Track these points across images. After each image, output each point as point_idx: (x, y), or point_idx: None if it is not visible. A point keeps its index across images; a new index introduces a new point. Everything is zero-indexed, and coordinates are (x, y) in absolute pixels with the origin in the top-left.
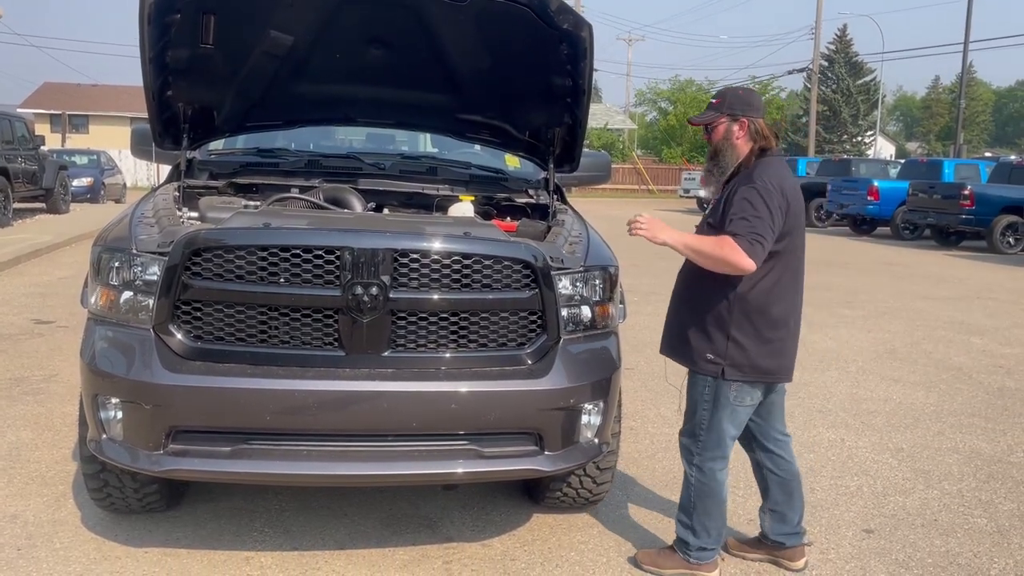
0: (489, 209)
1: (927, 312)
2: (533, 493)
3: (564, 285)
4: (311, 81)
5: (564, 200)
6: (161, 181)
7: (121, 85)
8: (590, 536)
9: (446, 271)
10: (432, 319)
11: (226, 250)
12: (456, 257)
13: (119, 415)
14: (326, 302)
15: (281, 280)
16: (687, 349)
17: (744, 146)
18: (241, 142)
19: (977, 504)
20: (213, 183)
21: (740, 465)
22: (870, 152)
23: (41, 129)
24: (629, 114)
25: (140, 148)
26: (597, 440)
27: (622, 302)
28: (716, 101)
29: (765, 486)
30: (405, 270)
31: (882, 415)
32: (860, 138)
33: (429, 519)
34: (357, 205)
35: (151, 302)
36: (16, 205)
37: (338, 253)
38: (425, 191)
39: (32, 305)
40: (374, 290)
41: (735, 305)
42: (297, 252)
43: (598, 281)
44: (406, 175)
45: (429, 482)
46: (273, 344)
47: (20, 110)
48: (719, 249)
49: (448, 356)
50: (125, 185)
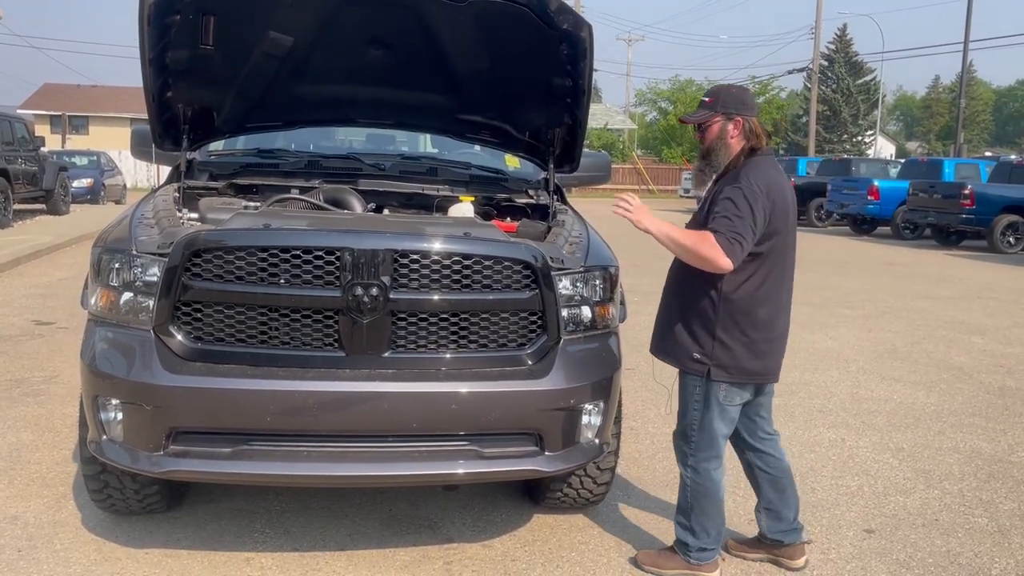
0: (489, 209)
1: (928, 312)
2: (534, 494)
3: (564, 285)
4: (311, 82)
5: (564, 200)
6: (161, 182)
7: (121, 86)
8: (591, 536)
9: (446, 272)
10: (432, 320)
11: (226, 251)
12: (456, 258)
13: (119, 416)
14: (326, 303)
15: (281, 281)
16: (675, 349)
17: (737, 145)
18: (241, 143)
19: (978, 504)
20: (213, 184)
21: (739, 466)
22: (870, 152)
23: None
24: (629, 114)
25: (140, 149)
26: (597, 440)
27: (622, 302)
28: (709, 100)
29: (757, 485)
30: (405, 271)
31: (883, 415)
32: (860, 138)
33: (430, 520)
34: (357, 206)
35: (151, 303)
36: (16, 206)
37: (338, 254)
38: (425, 192)
39: (32, 306)
40: (374, 291)
41: (721, 306)
42: (297, 253)
43: (598, 281)
44: (406, 176)
45: (430, 483)
46: (273, 345)
47: (20, 111)
48: (699, 244)
49: (448, 357)
50: (125, 186)
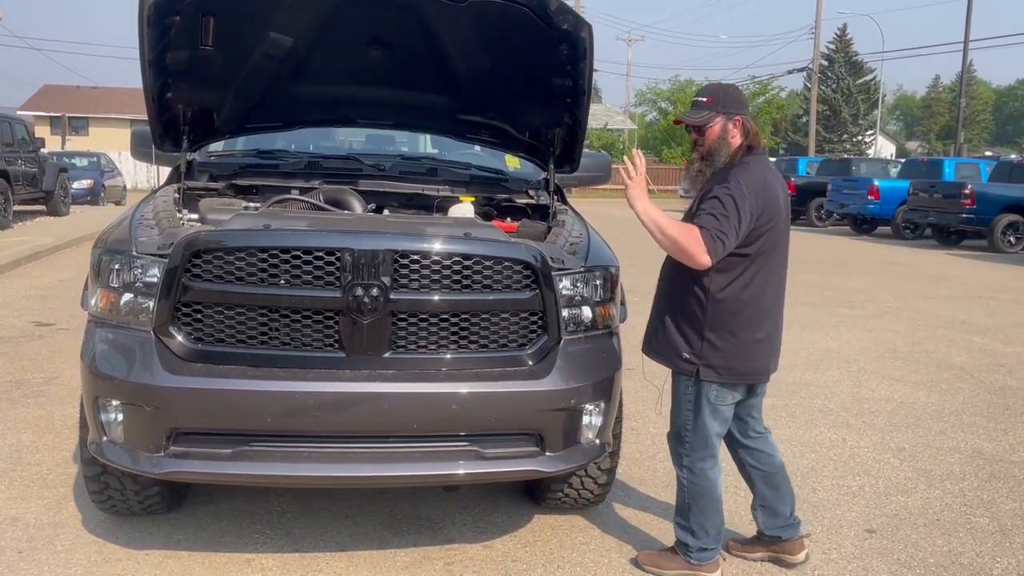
0: (489, 210)
1: (928, 311)
2: (534, 494)
3: (565, 286)
4: (311, 82)
5: (564, 200)
6: (161, 183)
7: (121, 87)
8: (591, 537)
9: (446, 272)
10: (433, 320)
11: (226, 252)
12: (456, 258)
13: (120, 417)
14: (326, 303)
15: (281, 282)
16: (665, 349)
17: (737, 144)
18: (241, 144)
19: (979, 503)
20: (213, 185)
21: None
22: (870, 151)
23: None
24: (629, 114)
25: (140, 150)
26: (598, 441)
27: (623, 302)
28: (707, 100)
29: (752, 482)
30: (405, 271)
31: (884, 415)
32: (860, 137)
33: (430, 520)
34: (357, 206)
35: (151, 304)
36: (16, 207)
37: (338, 254)
38: (425, 192)
39: (32, 307)
40: (374, 291)
41: (709, 306)
42: (297, 254)
43: (599, 281)
44: (406, 176)
45: (430, 483)
46: (274, 346)
47: (20, 112)
48: (684, 236)
49: (449, 357)
50: (125, 187)
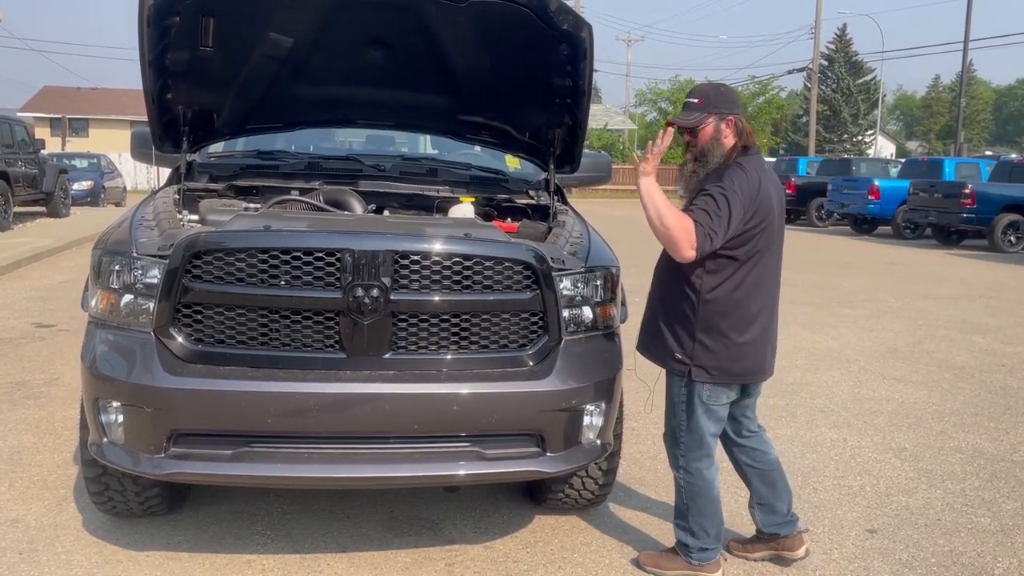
0: (490, 210)
1: (929, 311)
2: (535, 495)
3: (565, 286)
4: (311, 83)
5: (565, 201)
6: (161, 184)
7: (121, 88)
8: (592, 537)
9: (447, 272)
10: (433, 321)
11: (227, 253)
12: (457, 258)
13: (120, 419)
14: (327, 304)
15: (282, 283)
16: (658, 349)
17: (730, 144)
18: (241, 144)
19: (980, 503)
20: (213, 186)
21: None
22: (870, 151)
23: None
24: (629, 115)
25: (140, 151)
26: (599, 441)
27: (623, 303)
28: (699, 101)
29: (748, 481)
30: (406, 272)
31: (884, 415)
32: (860, 137)
33: (431, 521)
34: (357, 207)
35: (152, 305)
36: (16, 209)
37: (339, 255)
38: (425, 192)
39: (33, 309)
40: (375, 292)
41: (700, 307)
42: (298, 254)
43: (599, 282)
44: (406, 177)
45: (431, 484)
46: (274, 347)
47: (20, 114)
48: (677, 225)
49: (449, 358)
50: (125, 188)
